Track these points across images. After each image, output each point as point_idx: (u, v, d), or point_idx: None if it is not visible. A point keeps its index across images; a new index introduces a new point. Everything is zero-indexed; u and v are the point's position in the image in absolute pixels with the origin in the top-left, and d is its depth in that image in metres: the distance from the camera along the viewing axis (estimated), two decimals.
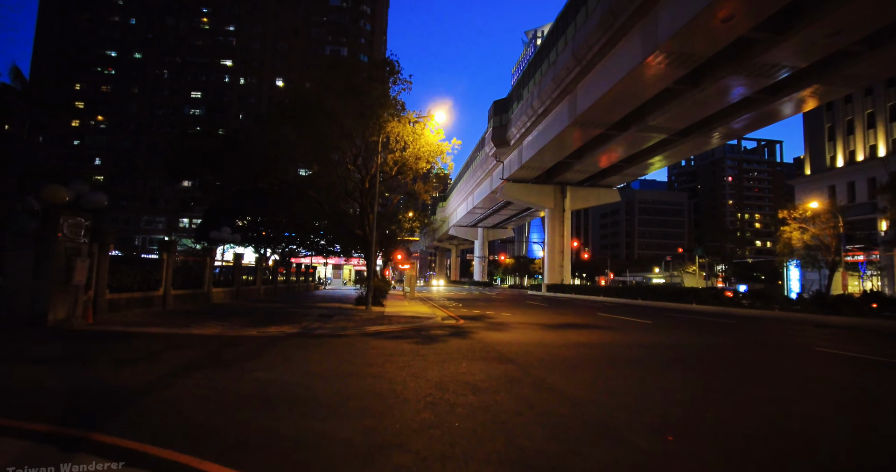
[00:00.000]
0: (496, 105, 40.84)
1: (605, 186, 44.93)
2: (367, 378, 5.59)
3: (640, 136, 30.29)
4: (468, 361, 6.94)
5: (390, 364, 6.51)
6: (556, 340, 10.00)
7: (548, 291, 41.49)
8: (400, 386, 5.18)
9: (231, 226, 41.74)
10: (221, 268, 21.94)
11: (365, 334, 10.12)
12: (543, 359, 7.42)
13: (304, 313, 14.15)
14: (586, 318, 16.15)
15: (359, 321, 12.40)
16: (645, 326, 13.74)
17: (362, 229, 19.20)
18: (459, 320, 14.07)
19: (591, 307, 22.68)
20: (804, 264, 39.01)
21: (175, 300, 15.01)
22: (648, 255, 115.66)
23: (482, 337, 9.95)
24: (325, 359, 6.94)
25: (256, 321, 11.61)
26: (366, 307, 16.71)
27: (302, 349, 7.91)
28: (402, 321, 12.63)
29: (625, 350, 8.81)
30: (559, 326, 13.13)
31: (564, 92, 28.72)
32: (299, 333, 10.01)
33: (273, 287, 27.13)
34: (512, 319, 14.94)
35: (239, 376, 5.51)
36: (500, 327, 12.09)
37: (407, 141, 16.74)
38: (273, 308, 15.95)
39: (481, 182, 56.12)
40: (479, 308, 19.91)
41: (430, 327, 11.99)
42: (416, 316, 14.33)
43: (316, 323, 11.65)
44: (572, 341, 9.92)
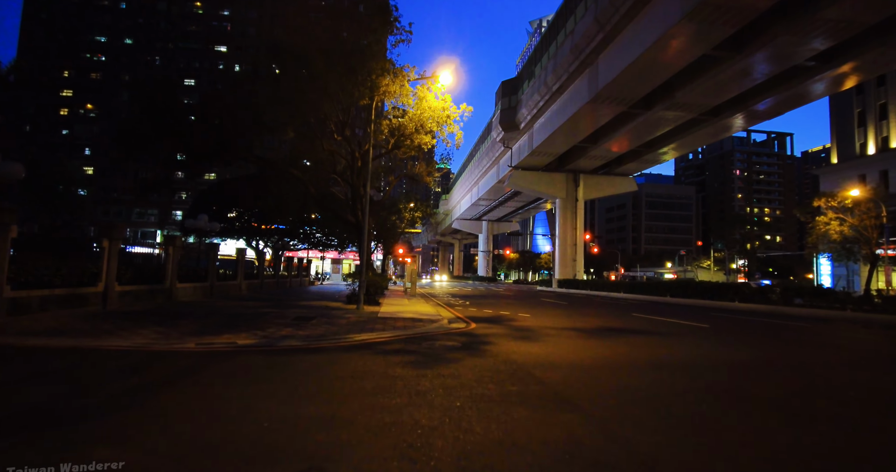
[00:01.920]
0: (505, 85, 37.76)
1: (620, 175, 41.92)
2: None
3: (664, 115, 27.33)
4: (499, 405, 4.16)
5: (368, 415, 3.74)
6: (609, 356, 7.22)
7: (559, 286, 38.69)
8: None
9: (220, 217, 39.16)
10: (197, 260, 19.27)
11: (346, 348, 7.37)
12: (619, 396, 4.65)
13: (278, 315, 11.42)
14: (622, 320, 13.36)
15: (344, 326, 9.66)
16: (702, 331, 10.96)
17: (354, 215, 16.44)
18: (470, 323, 11.31)
19: (616, 306, 19.90)
20: (837, 258, 36.11)
21: (123, 298, 12.30)
22: (655, 249, 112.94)
23: (507, 352, 7.18)
24: (259, 404, 4.16)
25: (209, 327, 8.89)
26: (357, 307, 13.98)
27: (238, 379, 5.14)
28: (398, 326, 9.88)
29: (723, 375, 6.02)
30: (598, 332, 10.34)
31: (584, 64, 25.71)
32: (256, 345, 7.28)
33: (259, 283, 24.45)
34: (534, 321, 12.17)
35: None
36: (525, 335, 9.31)
37: (406, 105, 13.92)
38: (245, 308, 13.23)
39: (487, 171, 53.14)
40: (490, 307, 17.15)
41: (433, 334, 9.23)
42: (416, 318, 11.58)
43: (286, 329, 8.91)
44: (633, 357, 7.13)
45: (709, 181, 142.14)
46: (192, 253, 24.07)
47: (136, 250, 54.23)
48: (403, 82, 12.89)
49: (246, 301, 16.19)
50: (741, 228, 53.59)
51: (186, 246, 34.86)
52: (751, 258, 45.82)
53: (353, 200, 16.48)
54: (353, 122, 15.38)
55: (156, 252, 52.70)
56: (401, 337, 8.62)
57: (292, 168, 15.92)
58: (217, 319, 10.31)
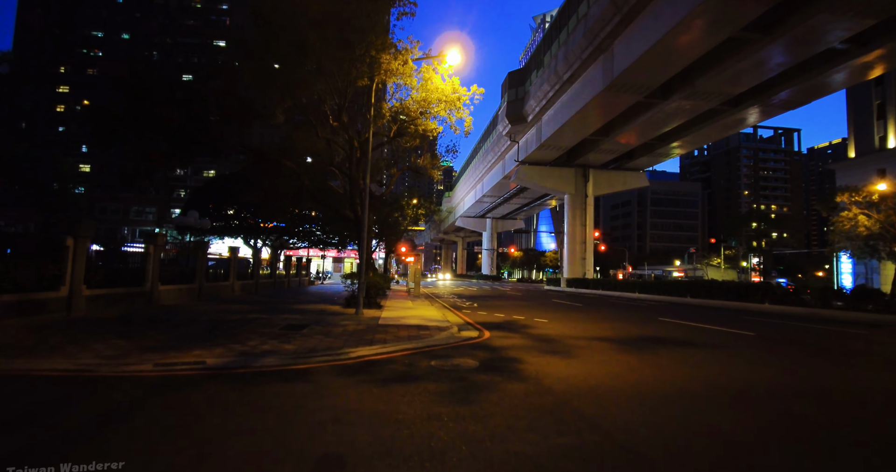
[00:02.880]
0: (511, 77, 36.22)
1: (630, 169, 40.35)
2: None
3: (682, 105, 25.81)
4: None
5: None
6: (663, 378, 5.80)
7: (568, 286, 37.24)
8: None
9: (217, 215, 37.86)
10: (187, 259, 17.95)
11: (339, 370, 5.99)
12: (716, 454, 3.24)
13: (266, 322, 10.06)
14: (651, 326, 11.94)
15: (339, 336, 8.29)
16: (751, 341, 9.54)
17: (353, 210, 15.06)
18: (484, 331, 9.93)
19: (635, 308, 18.48)
20: (859, 256, 34.54)
21: (93, 304, 10.95)
22: (661, 247, 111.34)
23: (537, 374, 5.77)
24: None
25: (180, 339, 7.53)
26: (356, 311, 12.62)
27: (177, 430, 3.76)
28: (401, 336, 8.51)
29: (839, 412, 4.59)
30: (632, 342, 8.92)
31: (598, 50, 24.19)
32: (228, 366, 5.92)
33: (254, 283, 23.12)
34: (555, 328, 10.77)
35: None
36: (551, 348, 7.91)
37: (410, 86, 12.50)
38: (232, 313, 11.88)
39: (492, 167, 51.59)
40: (500, 310, 15.76)
41: (444, 348, 7.85)
42: (422, 325, 10.21)
43: (271, 342, 7.54)
44: (693, 381, 5.72)
45: (714, 178, 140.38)
46: (186, 252, 22.84)
47: (132, 250, 52.95)
48: (406, 60, 11.47)
49: (236, 304, 14.85)
50: (749, 226, 51.99)
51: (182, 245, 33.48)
52: (766, 256, 44.14)
53: (351, 193, 15.10)
54: (352, 109, 13.98)
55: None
56: (405, 352, 7.24)
57: (286, 159, 14.53)
58: (195, 327, 8.96)
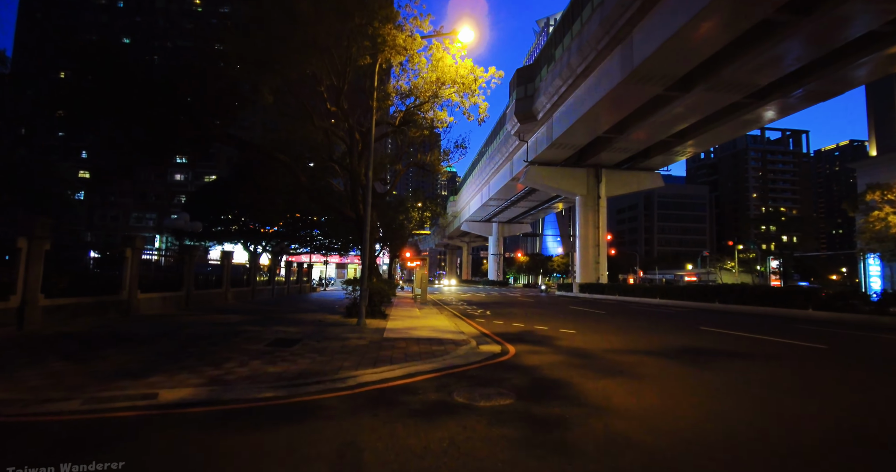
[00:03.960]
0: (520, 73, 34.81)
1: (645, 169, 38.75)
2: None
3: (705, 97, 24.23)
4: None
5: None
6: (784, 415, 4.19)
7: (581, 291, 35.54)
8: None
9: (214, 219, 36.48)
10: (167, 264, 16.48)
11: (336, 406, 4.42)
12: None
13: (254, 336, 8.54)
14: (696, 336, 10.33)
15: (336, 354, 6.73)
16: (827, 355, 7.94)
17: (355, 209, 13.57)
18: (507, 345, 8.37)
19: (665, 315, 16.87)
20: (890, 257, 32.77)
21: (54, 315, 9.47)
22: (669, 251, 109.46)
23: (598, 411, 4.19)
24: None
25: (140, 361, 6.00)
26: (358, 321, 11.10)
27: None
28: (412, 353, 6.95)
29: None
30: (691, 357, 7.30)
31: (616, 39, 22.71)
32: (180, 402, 4.38)
33: (249, 290, 21.62)
34: (587, 340, 9.19)
35: None
36: (598, 367, 6.31)
37: (419, 68, 11.03)
38: (217, 325, 10.37)
39: (499, 168, 50.07)
40: (516, 318, 14.19)
41: (465, 367, 6.28)
42: (435, 338, 8.66)
43: (251, 363, 6.00)
44: (829, 422, 4.13)
45: (722, 181, 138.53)
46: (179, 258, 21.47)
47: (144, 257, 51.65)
48: (413, 33, 10.02)
49: (226, 314, 13.35)
50: (767, 228, 50.18)
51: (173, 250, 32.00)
52: (786, 258, 42.31)
53: (352, 191, 13.62)
54: (353, 96, 12.51)
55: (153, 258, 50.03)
56: (421, 376, 5.68)
57: (279, 153, 13.07)
58: (166, 344, 7.44)
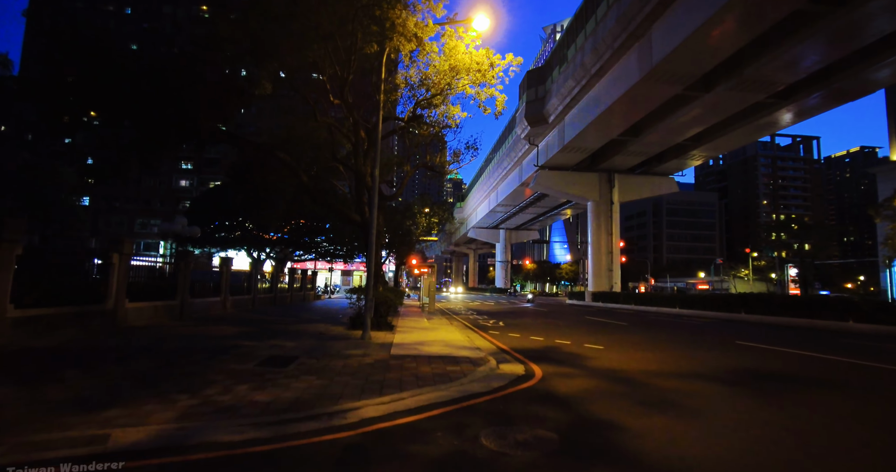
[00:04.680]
0: (530, 76, 33.91)
1: (659, 174, 37.58)
2: None
3: (726, 96, 23.12)
4: None
5: None
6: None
7: (593, 300, 34.29)
8: None
9: (218, 225, 35.73)
10: (160, 270, 15.55)
11: (331, 457, 3.36)
12: None
13: (244, 353, 7.52)
14: (740, 354, 9.18)
15: (337, 376, 5.66)
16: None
17: (360, 212, 12.57)
18: (531, 365, 7.28)
19: (691, 327, 15.69)
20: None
21: (24, 327, 8.49)
22: (678, 259, 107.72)
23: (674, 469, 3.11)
24: None
25: (104, 386, 4.99)
26: (363, 334, 10.08)
27: None
28: (424, 376, 5.88)
29: None
30: (746, 381, 6.17)
31: (633, 37, 21.74)
32: (134, 450, 3.32)
33: (250, 299, 20.65)
34: (619, 359, 8.08)
35: None
36: (644, 396, 5.21)
37: (429, 61, 10.09)
38: (207, 338, 9.37)
39: (508, 174, 49.07)
40: (533, 331, 13.10)
41: (489, 396, 5.19)
42: (449, 356, 7.59)
43: (236, 389, 4.96)
44: None
45: (731, 187, 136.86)
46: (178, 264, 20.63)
47: (140, 263, 51.06)
48: (426, 19, 9.09)
49: (222, 325, 12.37)
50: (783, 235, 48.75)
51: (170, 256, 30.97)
52: (806, 266, 40.68)
53: (357, 192, 12.64)
54: (358, 91, 11.58)
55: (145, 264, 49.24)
56: (435, 411, 4.60)
57: (279, 151, 12.13)
58: (144, 362, 6.44)
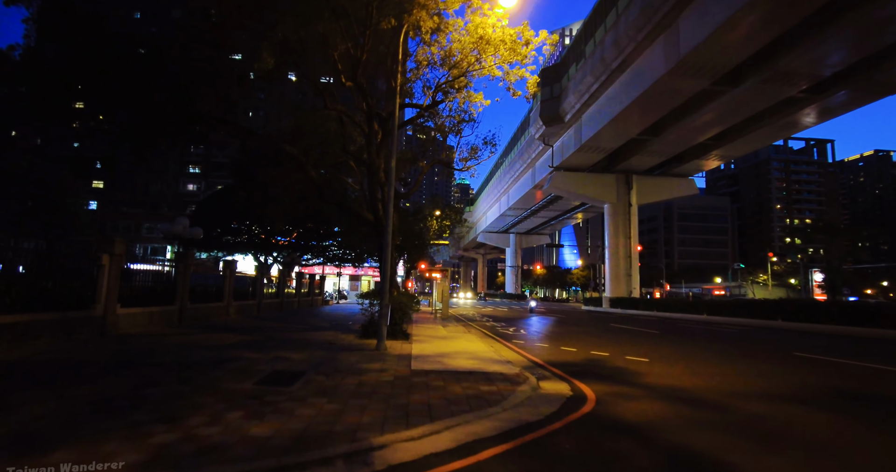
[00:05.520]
0: (545, 73, 32.81)
1: (678, 175, 36.26)
2: None
3: (755, 91, 21.86)
4: None
5: None
6: None
7: (611, 306, 32.94)
8: None
9: (224, 229, 34.88)
10: (159, 274, 14.57)
11: None
12: None
13: (243, 367, 6.42)
14: (806, 367, 7.93)
15: (353, 400, 4.47)
16: None
17: (373, 210, 11.49)
18: (578, 385, 6.09)
19: (728, 335, 14.41)
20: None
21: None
22: (690, 264, 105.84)
23: None
24: None
25: (63, 414, 3.85)
26: (377, 345, 8.95)
27: None
28: (457, 399, 4.69)
29: None
30: (844, 404, 4.96)
31: (659, 28, 20.61)
32: None
33: (255, 304, 19.67)
34: (674, 374, 6.87)
35: None
36: (744, 430, 3.98)
37: (452, 37, 9.04)
38: (203, 349, 8.29)
39: (520, 176, 47.90)
40: (561, 340, 11.91)
41: (546, 428, 4.02)
42: (479, 371, 6.42)
43: (228, 416, 3.81)
44: None
45: (743, 192, 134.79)
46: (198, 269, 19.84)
47: (139, 267, 50.53)
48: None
49: (222, 332, 11.31)
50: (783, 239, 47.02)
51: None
52: (834, 271, 38.85)
53: (370, 189, 11.57)
54: (370, 72, 10.55)
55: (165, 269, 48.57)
56: (483, 452, 3.44)
57: (285, 144, 11.11)
58: (119, 382, 5.34)
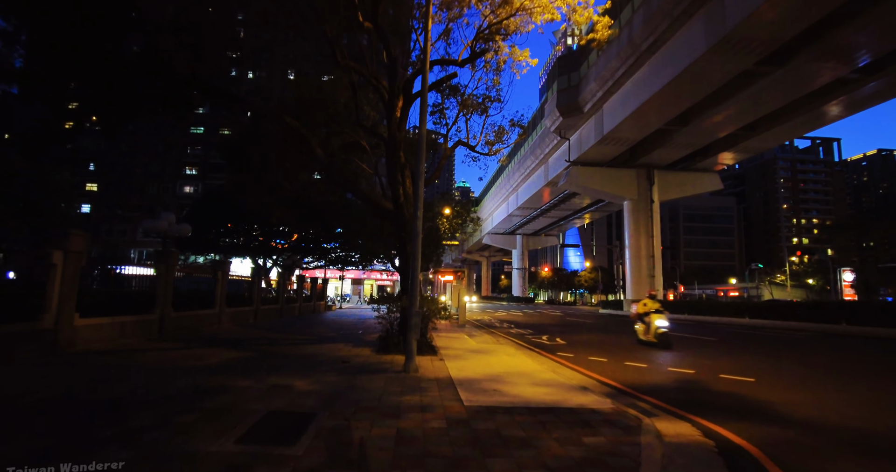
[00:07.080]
0: (561, 62, 30.71)
1: (701, 170, 34.14)
2: None
3: (805, 70, 19.73)
4: None
5: None
6: None
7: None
8: None
9: (223, 230, 32.82)
10: (135, 276, 12.49)
11: None
12: None
13: (224, 409, 4.30)
14: None
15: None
16: None
17: (393, 196, 9.41)
18: (706, 424, 3.97)
19: (797, 341, 12.35)
20: None
21: None
22: (697, 265, 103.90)
23: None
24: None
25: None
26: (405, 365, 6.85)
27: None
28: (563, 464, 2.61)
29: None
30: None
31: (698, 2, 18.53)
32: None
33: (252, 310, 17.53)
34: (808, 401, 4.77)
35: None
36: None
37: None
38: (181, 373, 6.19)
39: (531, 173, 45.68)
40: (617, 353, 9.85)
41: None
42: (555, 406, 4.29)
43: None
44: None
45: (749, 192, 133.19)
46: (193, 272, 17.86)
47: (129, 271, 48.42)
48: None
49: (210, 346, 9.21)
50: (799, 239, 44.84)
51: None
52: (870, 271, 36.53)
53: (390, 171, 9.47)
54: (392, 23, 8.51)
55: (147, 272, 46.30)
56: None
57: (286, 115, 9.04)
58: (27, 437, 3.20)
